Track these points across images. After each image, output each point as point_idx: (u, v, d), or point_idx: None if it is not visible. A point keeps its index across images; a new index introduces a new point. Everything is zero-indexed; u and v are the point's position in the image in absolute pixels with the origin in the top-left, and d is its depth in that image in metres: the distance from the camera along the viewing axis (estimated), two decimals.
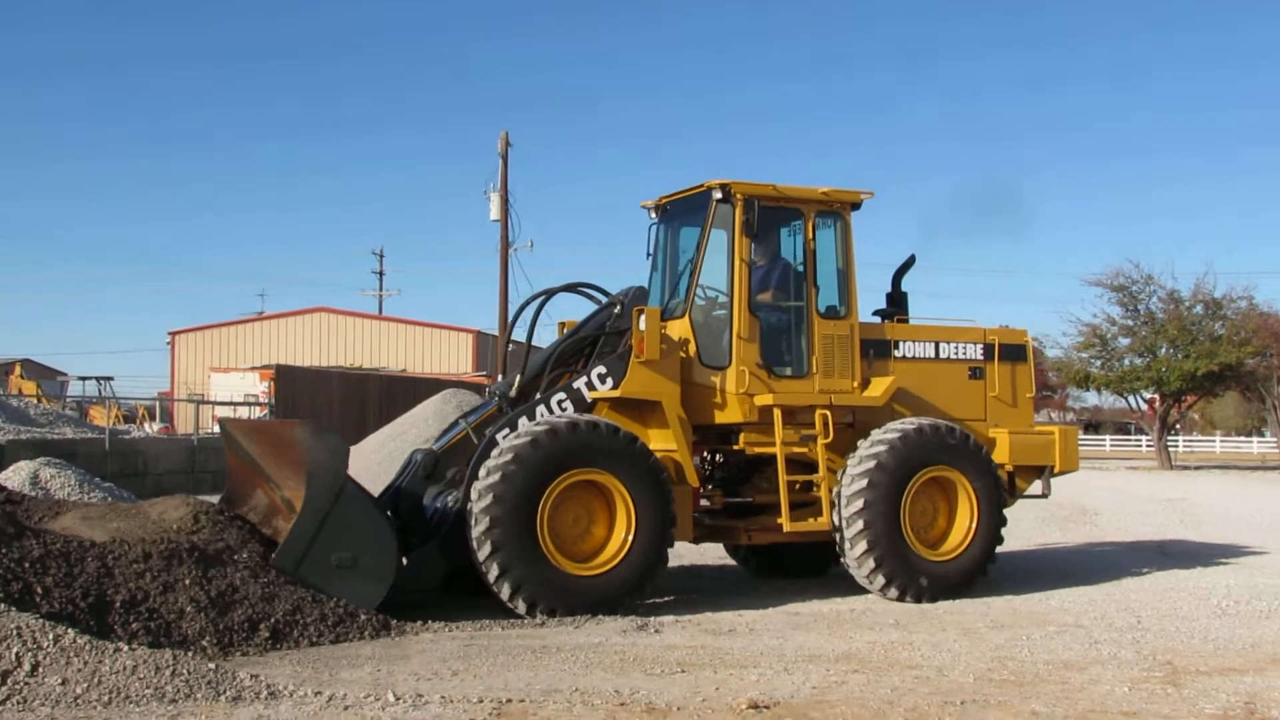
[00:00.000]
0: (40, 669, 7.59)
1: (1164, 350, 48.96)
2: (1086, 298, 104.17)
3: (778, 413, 12.56)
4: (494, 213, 40.34)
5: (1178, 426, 69.00)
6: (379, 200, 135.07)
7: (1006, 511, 13.35)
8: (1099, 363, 51.23)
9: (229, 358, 56.81)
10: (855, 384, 13.09)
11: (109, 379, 45.94)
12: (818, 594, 12.93)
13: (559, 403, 12.18)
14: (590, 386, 12.30)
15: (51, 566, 8.99)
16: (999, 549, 13.18)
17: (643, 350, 12.14)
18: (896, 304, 14.11)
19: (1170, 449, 55.34)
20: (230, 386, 49.70)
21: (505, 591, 10.92)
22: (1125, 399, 53.90)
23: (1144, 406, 54.26)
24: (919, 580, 12.45)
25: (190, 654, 8.29)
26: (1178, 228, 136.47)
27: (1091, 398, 71.40)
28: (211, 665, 8.01)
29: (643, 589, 11.53)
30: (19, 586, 8.62)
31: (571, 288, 13.13)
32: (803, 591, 13.13)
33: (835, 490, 12.57)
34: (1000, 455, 13.68)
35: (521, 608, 10.92)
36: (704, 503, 13.24)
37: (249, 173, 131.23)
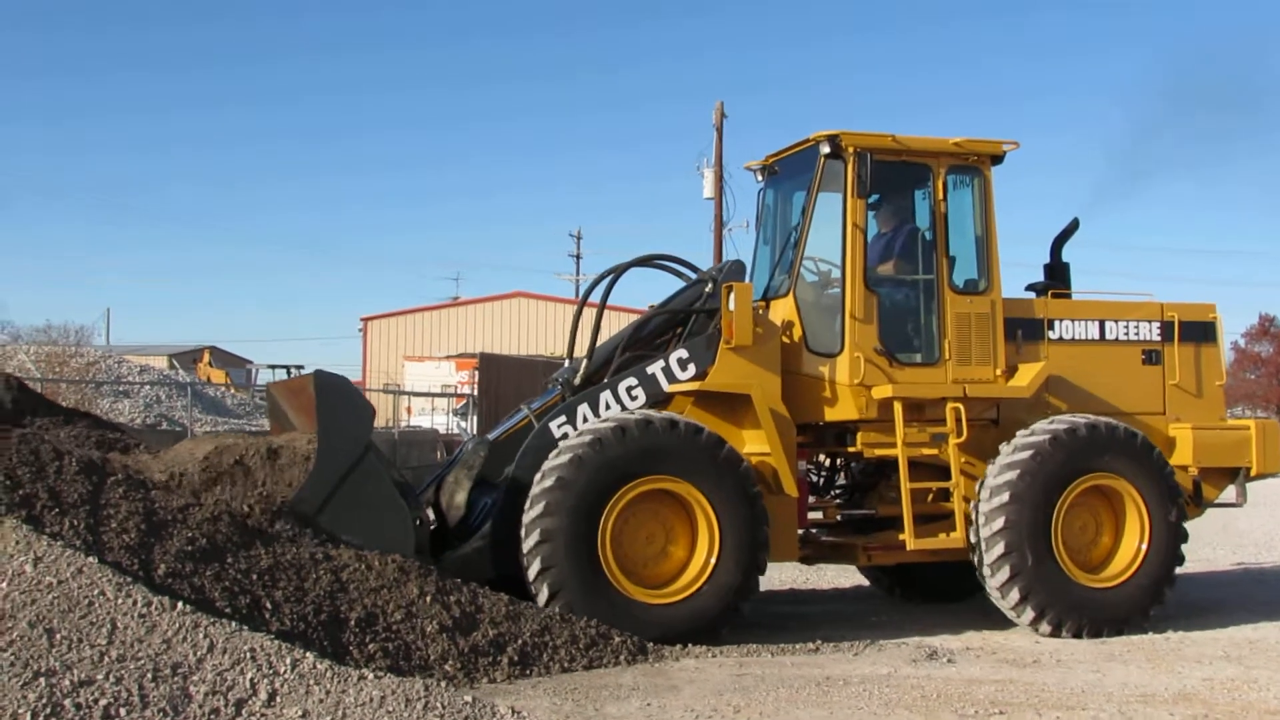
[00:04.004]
0: (278, 698, 6.81)
1: None
2: None
3: (898, 406, 10.50)
4: (708, 190, 37.69)
5: None
6: (578, 181, 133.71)
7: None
8: None
9: (423, 345, 56.38)
10: (998, 372, 10.92)
11: (299, 367, 45.44)
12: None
13: (629, 389, 10.40)
14: (668, 374, 10.46)
15: (281, 579, 8.17)
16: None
17: (732, 334, 10.24)
18: (1056, 276, 11.86)
19: None
20: (425, 376, 49.09)
21: None
22: None
23: None
24: (1076, 611, 10.31)
25: (442, 684, 7.49)
26: None
27: None
28: (468, 698, 7.19)
29: (726, 620, 9.72)
30: (246, 601, 7.85)
31: (648, 260, 11.24)
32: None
33: (973, 502, 10.46)
34: (1182, 456, 11.38)
35: None
36: (816, 516, 11.26)
37: (440, 154, 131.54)
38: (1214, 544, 18.44)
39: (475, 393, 34.73)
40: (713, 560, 9.66)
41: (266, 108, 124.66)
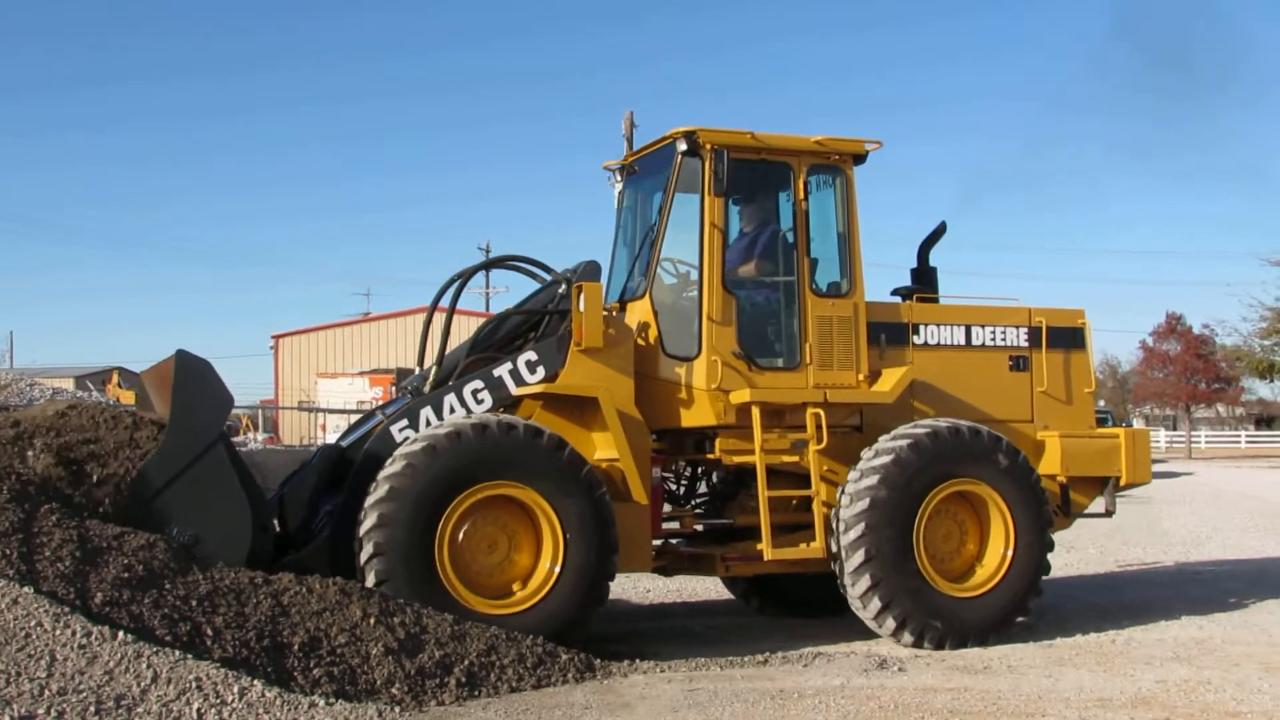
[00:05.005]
0: None
1: None
2: (1269, 279, 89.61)
3: (757, 412, 10.15)
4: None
5: None
6: (487, 194, 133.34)
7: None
8: None
9: (335, 362, 55.53)
10: (860, 377, 10.62)
11: None
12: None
13: (474, 393, 9.97)
14: (516, 376, 10.04)
15: (221, 604, 7.93)
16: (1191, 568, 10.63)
17: (582, 336, 9.84)
18: (923, 280, 11.59)
19: None
20: (340, 393, 48.27)
21: None
22: None
23: None
24: (938, 621, 10.00)
25: (395, 709, 7.50)
26: None
27: (1263, 390, 66.53)
28: None
29: (573, 632, 9.26)
30: (187, 628, 7.61)
31: (500, 262, 10.85)
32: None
33: (833, 510, 10.13)
34: (1050, 465, 11.14)
35: None
36: (671, 525, 10.89)
37: (348, 169, 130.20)
38: (1142, 544, 18.61)
39: None
40: (557, 569, 9.26)
41: (168, 125, 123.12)
